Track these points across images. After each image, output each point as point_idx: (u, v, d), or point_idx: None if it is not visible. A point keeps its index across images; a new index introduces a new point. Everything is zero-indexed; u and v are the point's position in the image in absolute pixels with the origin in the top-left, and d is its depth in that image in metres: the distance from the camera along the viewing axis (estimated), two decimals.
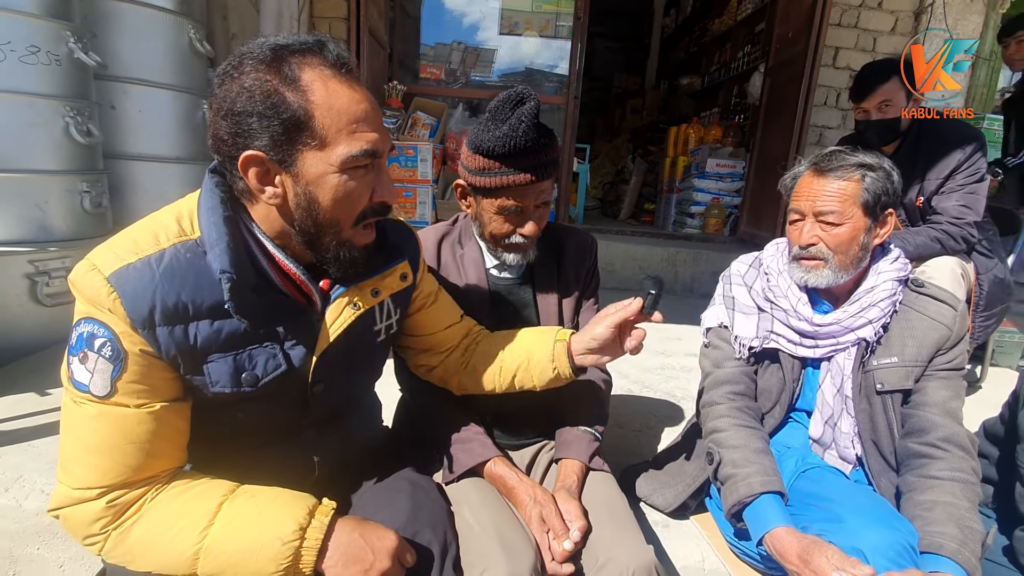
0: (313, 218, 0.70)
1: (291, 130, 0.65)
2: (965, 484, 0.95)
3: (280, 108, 0.65)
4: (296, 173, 0.68)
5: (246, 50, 0.67)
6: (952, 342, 1.06)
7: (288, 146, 0.66)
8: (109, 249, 0.67)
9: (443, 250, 1.16)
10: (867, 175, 1.04)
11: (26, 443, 1.33)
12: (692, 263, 3.60)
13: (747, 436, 1.06)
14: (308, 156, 0.67)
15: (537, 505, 0.95)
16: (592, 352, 0.96)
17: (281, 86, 0.65)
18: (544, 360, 0.97)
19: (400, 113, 3.51)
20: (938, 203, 1.83)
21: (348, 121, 0.67)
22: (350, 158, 0.68)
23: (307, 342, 0.77)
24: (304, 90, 0.65)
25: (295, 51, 0.67)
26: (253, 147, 0.66)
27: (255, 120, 0.65)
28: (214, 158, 0.71)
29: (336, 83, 0.67)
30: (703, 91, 5.75)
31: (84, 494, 0.67)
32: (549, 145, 1.00)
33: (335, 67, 0.68)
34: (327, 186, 0.69)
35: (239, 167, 0.67)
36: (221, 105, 0.66)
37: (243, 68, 0.66)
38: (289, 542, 0.67)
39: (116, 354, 0.65)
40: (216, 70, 0.68)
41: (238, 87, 0.65)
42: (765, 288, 1.17)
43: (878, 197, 1.04)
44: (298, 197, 0.69)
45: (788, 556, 0.90)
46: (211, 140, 0.69)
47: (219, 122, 0.67)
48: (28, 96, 1.74)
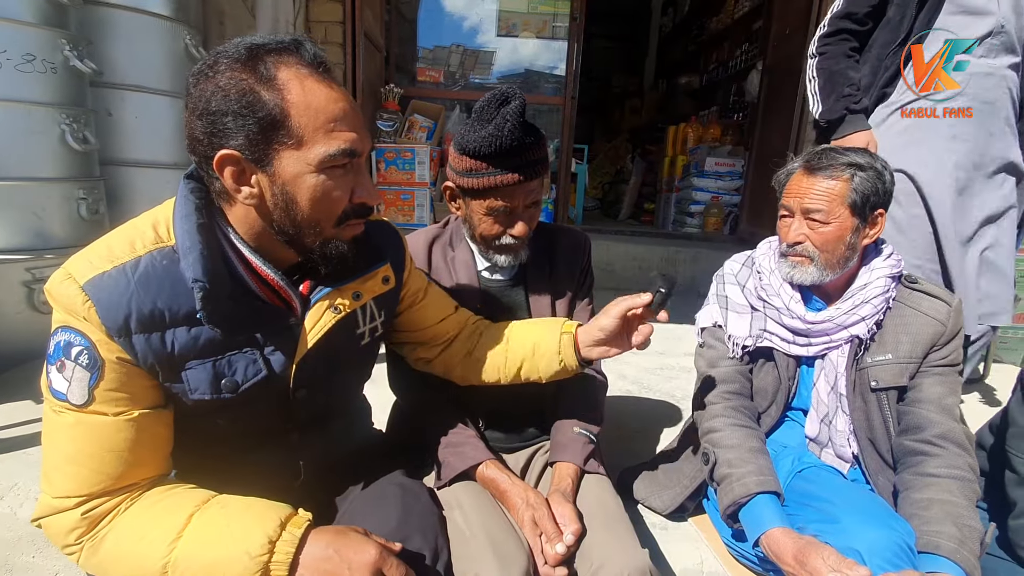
0: (292, 218, 0.70)
1: (267, 129, 0.65)
2: (962, 481, 0.94)
3: (255, 107, 0.64)
4: (273, 173, 0.67)
5: (221, 50, 0.67)
6: (947, 338, 1.05)
7: (264, 145, 0.66)
8: (84, 257, 0.67)
9: (434, 253, 1.15)
10: (856, 175, 1.03)
11: (21, 451, 1.33)
12: (692, 262, 3.59)
13: (743, 436, 1.05)
14: (285, 155, 0.67)
15: (530, 508, 0.94)
16: (599, 344, 0.95)
17: (256, 85, 0.64)
18: (550, 352, 0.97)
19: (397, 116, 3.51)
20: None
21: (325, 120, 0.67)
22: (327, 157, 0.67)
23: (287, 347, 0.76)
24: (280, 88, 0.65)
25: (271, 50, 0.66)
26: (228, 146, 0.65)
27: (230, 119, 0.64)
28: (191, 159, 0.71)
29: (313, 82, 0.67)
30: (702, 90, 5.74)
31: (63, 503, 0.66)
32: (536, 144, 0.99)
33: (312, 66, 0.68)
34: (304, 186, 0.68)
35: (214, 166, 0.66)
36: (196, 104, 0.66)
37: (218, 67, 0.65)
38: (257, 556, 0.64)
39: (93, 362, 0.65)
40: (191, 70, 0.68)
41: (213, 86, 0.65)
42: (758, 287, 1.16)
43: (867, 197, 1.03)
44: (275, 197, 0.69)
45: (784, 557, 0.89)
46: (187, 140, 0.69)
47: (194, 122, 0.66)
48: (24, 104, 1.74)
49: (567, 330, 0.97)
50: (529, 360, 0.99)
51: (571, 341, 0.96)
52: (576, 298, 1.20)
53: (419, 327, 1.01)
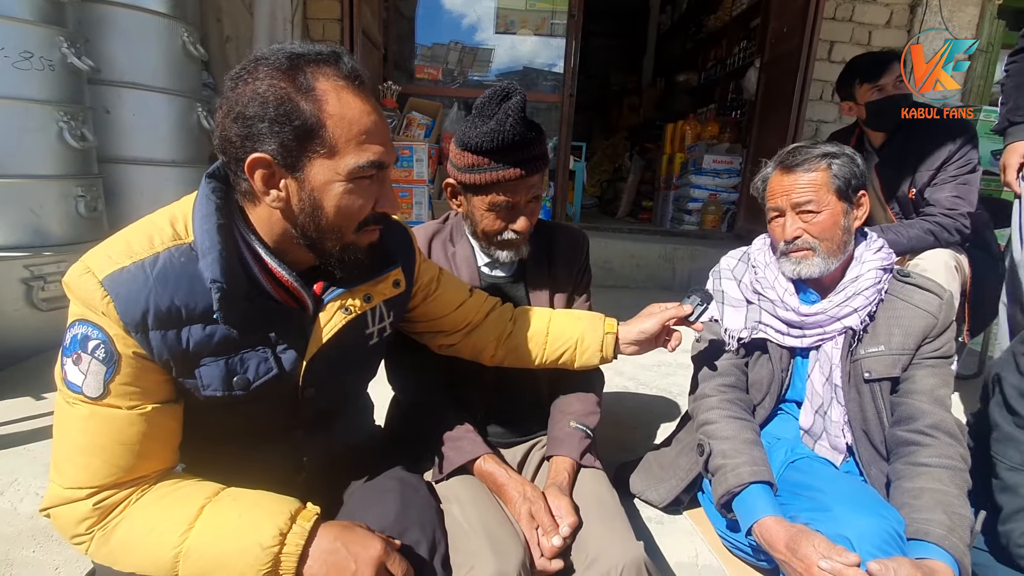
0: (316, 223, 0.71)
1: (302, 137, 0.66)
2: (953, 471, 0.95)
3: (292, 115, 0.66)
4: (302, 179, 0.69)
5: (261, 56, 0.68)
6: (939, 330, 1.07)
7: (297, 152, 0.67)
8: (103, 252, 0.68)
9: (434, 248, 1.16)
10: (833, 162, 1.09)
11: (21, 447, 1.34)
12: (689, 259, 3.60)
13: (738, 427, 1.07)
14: (316, 163, 0.68)
15: (527, 502, 0.95)
16: (636, 344, 1.08)
17: (295, 94, 0.66)
18: (593, 348, 1.07)
19: (395, 113, 3.51)
20: (931, 195, 1.82)
21: (358, 132, 0.69)
22: (357, 168, 0.69)
23: (298, 346, 0.78)
24: (319, 99, 0.66)
25: (311, 60, 0.68)
26: (261, 150, 0.66)
27: (266, 125, 0.66)
28: (220, 158, 0.72)
29: (349, 95, 0.69)
30: (700, 87, 5.74)
31: (74, 494, 0.67)
32: (537, 139, 1.00)
33: (349, 79, 0.69)
34: (332, 193, 0.70)
35: (245, 169, 0.67)
36: (232, 108, 0.67)
37: (258, 73, 0.66)
38: (268, 547, 0.66)
39: (109, 356, 0.66)
40: (229, 73, 0.69)
41: (251, 91, 0.66)
42: (753, 280, 1.18)
43: (848, 180, 1.08)
44: (302, 202, 0.70)
45: (776, 545, 0.90)
46: (218, 140, 0.70)
47: (229, 124, 0.67)
48: (22, 102, 1.74)
49: (609, 330, 1.08)
50: (571, 352, 1.08)
51: (613, 340, 1.07)
52: (575, 294, 1.21)
53: (437, 316, 1.03)
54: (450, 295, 1.03)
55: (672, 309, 1.06)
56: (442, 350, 1.09)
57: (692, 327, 1.06)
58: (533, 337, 1.07)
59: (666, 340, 1.09)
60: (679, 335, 1.07)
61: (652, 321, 1.06)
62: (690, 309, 1.05)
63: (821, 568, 0.82)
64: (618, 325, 1.09)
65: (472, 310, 1.05)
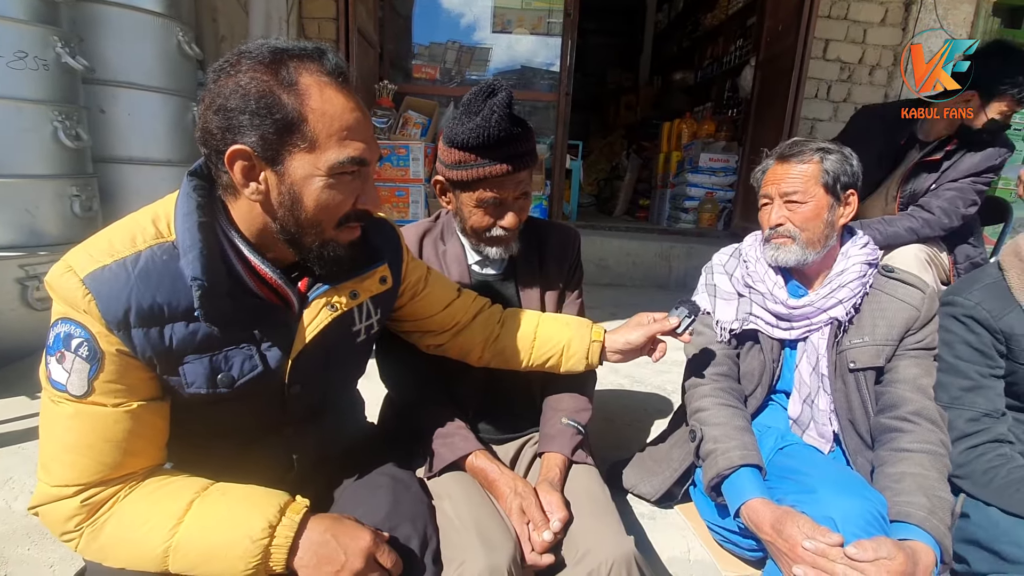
0: (295, 217, 0.71)
1: (282, 131, 0.67)
2: (934, 455, 0.98)
3: (273, 108, 0.66)
4: (282, 172, 0.69)
5: (245, 49, 0.68)
6: (921, 322, 1.10)
7: (278, 146, 0.67)
8: (85, 250, 0.68)
9: (425, 247, 1.16)
10: (825, 157, 1.12)
11: (16, 446, 1.34)
12: (685, 257, 3.61)
13: (729, 414, 1.09)
14: (296, 157, 0.68)
15: (518, 497, 0.95)
16: (621, 353, 1.08)
17: (277, 87, 0.66)
18: (579, 355, 1.07)
19: (391, 112, 3.51)
20: (930, 197, 1.82)
21: (340, 128, 0.69)
22: (338, 164, 0.69)
23: (283, 344, 0.77)
24: (301, 94, 0.67)
25: (294, 55, 0.68)
26: (241, 142, 0.67)
27: (247, 117, 0.66)
28: (201, 151, 0.72)
29: (332, 90, 0.69)
30: (696, 86, 5.76)
31: (61, 491, 0.67)
32: (524, 135, 1.00)
33: (332, 75, 0.69)
34: (312, 188, 0.70)
35: (225, 161, 0.67)
36: (214, 100, 0.67)
37: (240, 66, 0.67)
38: (258, 540, 0.67)
39: (93, 354, 0.66)
40: (212, 65, 0.69)
41: (233, 84, 0.66)
42: (744, 274, 1.21)
43: (837, 177, 1.11)
44: (282, 196, 0.70)
45: (762, 526, 0.92)
46: (200, 132, 0.70)
47: (210, 116, 0.67)
48: (16, 101, 1.74)
49: (596, 338, 1.08)
50: (557, 357, 1.08)
51: (599, 349, 1.08)
52: (566, 291, 1.22)
53: (424, 315, 1.03)
54: (438, 295, 1.03)
55: (659, 323, 1.06)
56: (430, 350, 1.09)
57: (679, 339, 1.08)
58: (520, 341, 1.07)
59: (651, 350, 1.10)
60: (664, 346, 1.08)
61: (638, 333, 1.06)
62: (677, 322, 1.06)
63: (805, 548, 0.85)
64: (605, 333, 1.09)
65: (460, 311, 1.05)
